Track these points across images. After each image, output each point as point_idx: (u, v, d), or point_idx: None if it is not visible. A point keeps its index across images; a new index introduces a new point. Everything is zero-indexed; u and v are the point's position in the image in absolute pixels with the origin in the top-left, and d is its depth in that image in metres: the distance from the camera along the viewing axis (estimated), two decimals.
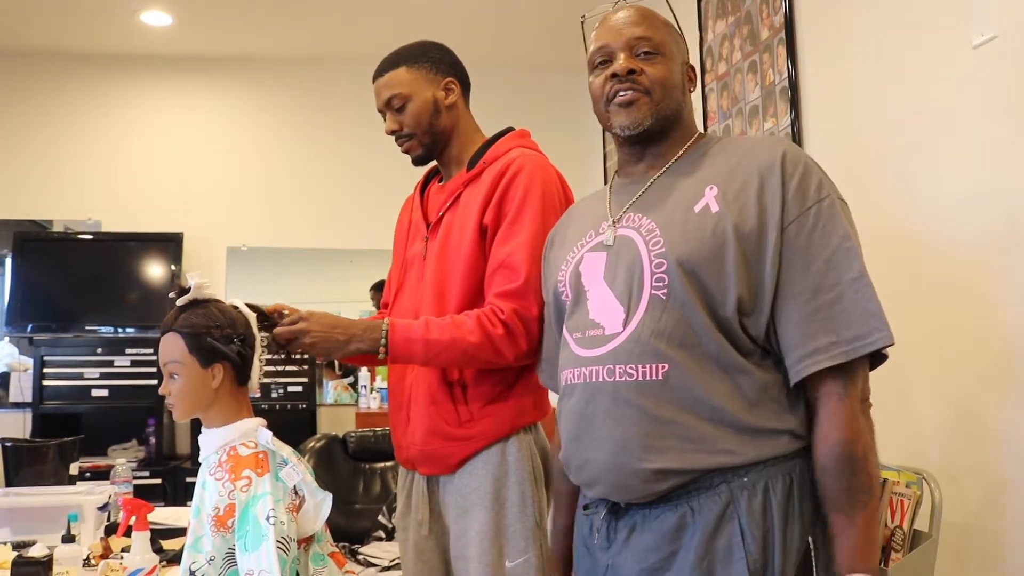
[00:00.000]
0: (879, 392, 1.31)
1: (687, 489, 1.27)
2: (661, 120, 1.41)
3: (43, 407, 4.53)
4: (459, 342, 1.70)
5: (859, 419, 1.24)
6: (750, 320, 1.27)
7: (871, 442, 1.25)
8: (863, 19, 2.54)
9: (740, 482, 1.25)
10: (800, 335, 1.25)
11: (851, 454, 1.22)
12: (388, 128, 1.94)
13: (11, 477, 3.00)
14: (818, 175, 1.31)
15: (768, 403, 1.27)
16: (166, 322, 1.65)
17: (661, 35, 1.43)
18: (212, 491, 1.59)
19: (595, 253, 1.40)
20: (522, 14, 4.63)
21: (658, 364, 1.27)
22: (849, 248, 1.26)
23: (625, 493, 1.31)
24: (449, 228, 1.87)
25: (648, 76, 1.40)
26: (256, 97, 5.31)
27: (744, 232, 1.27)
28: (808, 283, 1.25)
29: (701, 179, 1.35)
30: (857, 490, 1.22)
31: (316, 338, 1.70)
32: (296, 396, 4.77)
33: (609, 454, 1.30)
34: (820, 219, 1.27)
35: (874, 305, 1.24)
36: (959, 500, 2.02)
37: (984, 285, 2.03)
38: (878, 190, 2.42)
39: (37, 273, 4.76)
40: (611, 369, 1.30)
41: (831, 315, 1.24)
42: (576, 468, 1.39)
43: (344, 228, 5.20)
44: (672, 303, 1.27)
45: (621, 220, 1.40)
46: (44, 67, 5.11)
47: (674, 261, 1.28)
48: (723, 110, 3.43)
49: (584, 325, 1.37)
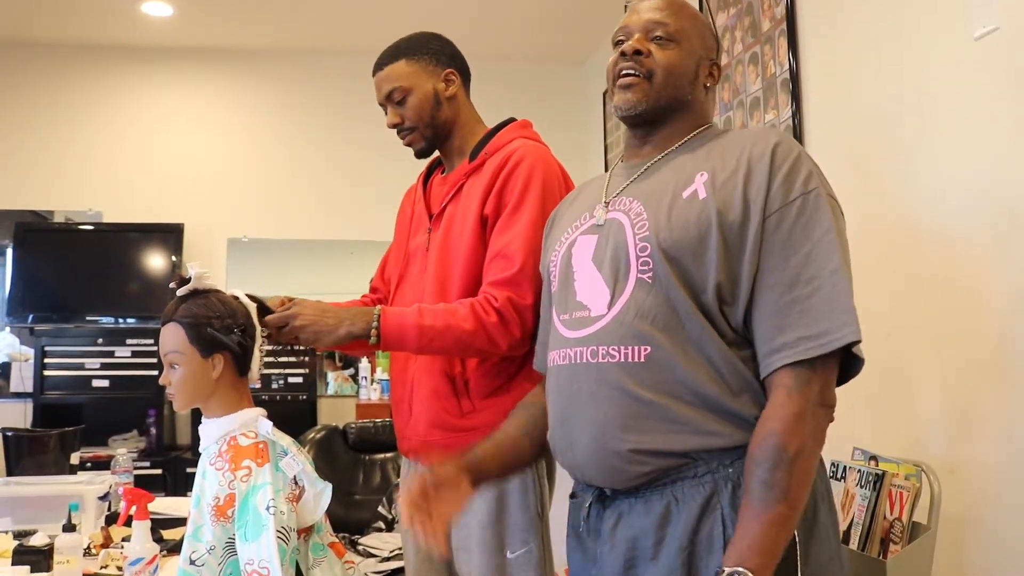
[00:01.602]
0: (878, 384, 1.31)
1: (672, 478, 1.26)
2: (658, 106, 1.41)
3: (44, 397, 4.54)
4: (452, 329, 1.69)
5: (805, 419, 1.19)
6: (730, 309, 1.27)
7: (810, 447, 1.19)
8: (864, 11, 2.53)
9: (725, 472, 1.24)
10: (771, 328, 1.24)
11: (781, 448, 1.17)
12: (390, 122, 1.94)
13: (12, 466, 3.01)
14: (808, 168, 1.29)
15: (750, 393, 1.25)
16: (167, 312, 1.66)
17: (681, 24, 1.43)
18: (212, 481, 1.60)
19: (587, 236, 1.41)
20: (521, 5, 4.62)
21: (641, 346, 1.27)
22: (831, 242, 1.23)
23: (609, 477, 1.31)
24: (451, 219, 1.87)
25: (654, 59, 1.40)
26: (257, 88, 5.31)
27: (728, 220, 1.26)
28: (785, 275, 1.23)
29: (694, 166, 1.35)
30: (773, 486, 1.16)
31: (306, 321, 1.69)
32: (297, 387, 4.78)
33: (591, 436, 1.31)
34: (804, 212, 1.25)
35: (845, 299, 1.21)
36: (958, 492, 2.03)
37: (984, 276, 2.03)
38: (879, 182, 2.42)
39: (38, 263, 4.76)
40: (595, 350, 1.31)
41: (804, 309, 1.21)
42: (561, 451, 1.40)
43: (344, 219, 5.21)
44: (656, 287, 1.27)
45: (613, 202, 1.41)
46: (45, 58, 5.11)
47: (656, 245, 1.28)
48: (724, 102, 3.43)
49: (571, 306, 1.38)
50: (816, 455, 1.22)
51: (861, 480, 2.00)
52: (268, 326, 1.71)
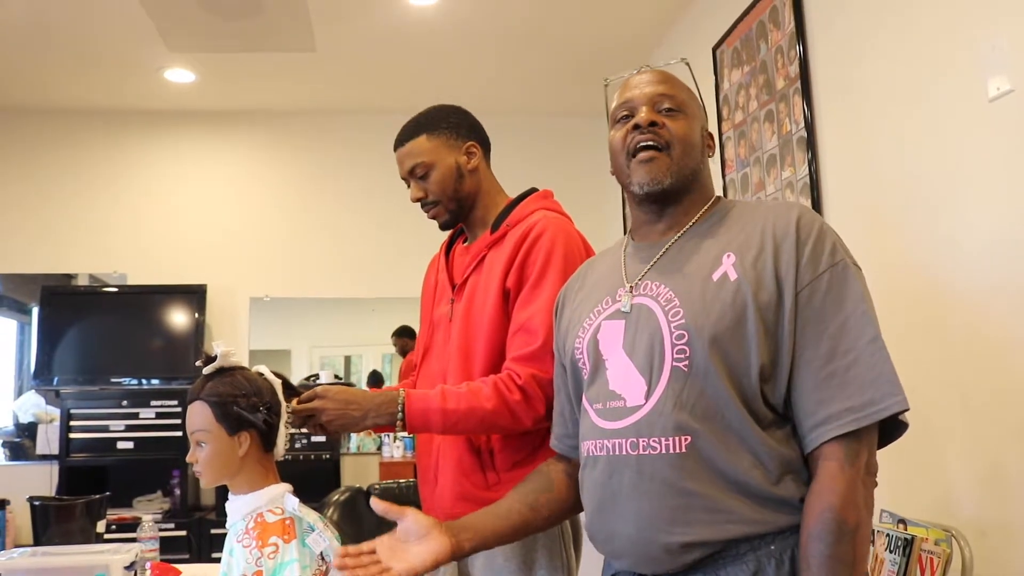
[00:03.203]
0: (905, 445, 1.29)
1: (714, 559, 1.26)
2: (680, 179, 1.41)
3: (70, 460, 4.57)
4: (476, 410, 1.71)
5: (858, 489, 1.21)
6: (769, 387, 1.27)
7: (866, 518, 1.21)
8: (878, 69, 2.55)
9: (767, 550, 1.24)
10: (813, 403, 1.24)
11: (841, 521, 1.18)
12: (413, 196, 1.96)
13: (39, 534, 3.02)
14: (831, 239, 1.30)
15: (790, 476, 1.25)
16: (193, 390, 1.68)
17: (683, 95, 1.46)
18: (240, 558, 1.60)
19: (613, 321, 1.40)
20: (541, 62, 4.69)
21: (682, 436, 1.26)
22: (863, 313, 1.25)
23: (652, 565, 1.31)
24: (474, 290, 1.89)
25: (670, 130, 1.41)
26: (277, 149, 5.39)
27: (763, 300, 1.27)
28: (822, 349, 1.24)
29: (719, 246, 1.35)
30: (839, 560, 1.17)
31: (332, 416, 1.73)
32: (320, 446, 4.79)
33: (635, 528, 1.30)
34: (834, 284, 1.26)
35: (888, 369, 1.22)
36: (990, 556, 2.00)
37: (1010, 333, 2.02)
38: (897, 239, 2.42)
39: (63, 326, 4.82)
40: (634, 442, 1.30)
41: (844, 381, 1.22)
42: (602, 540, 1.39)
43: (365, 277, 5.25)
44: (694, 375, 1.27)
45: (638, 287, 1.40)
46: (69, 123, 5.22)
47: (695, 332, 1.28)
48: (740, 158, 3.45)
49: (605, 396, 1.37)
50: (870, 524, 1.23)
51: (890, 545, 1.97)
52: (294, 418, 1.74)
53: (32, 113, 5.18)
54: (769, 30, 3.21)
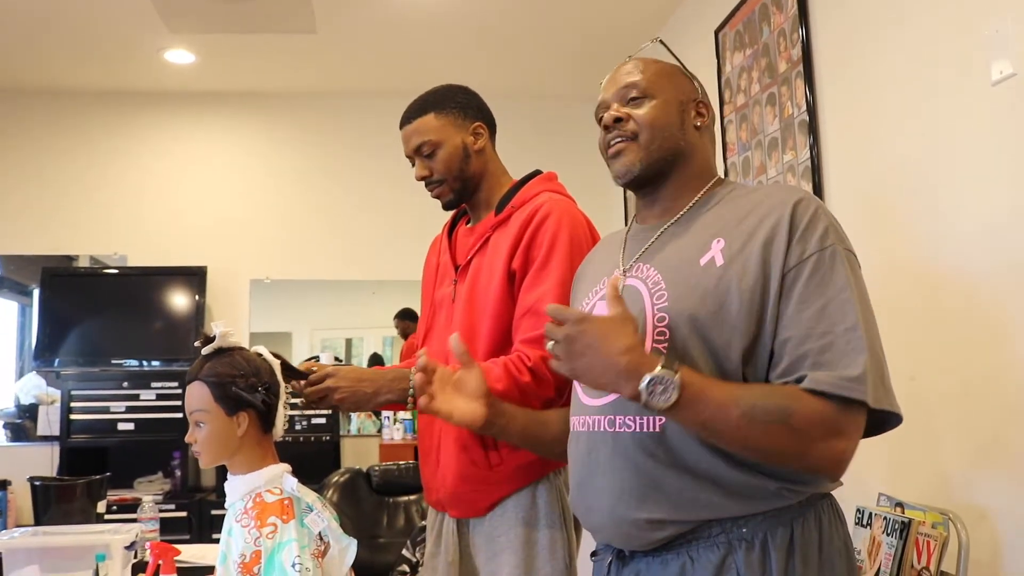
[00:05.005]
0: (902, 428, 1.28)
1: (687, 539, 1.27)
2: (654, 162, 1.42)
3: (70, 441, 4.58)
4: None
5: (816, 418, 1.18)
6: (750, 369, 1.27)
7: (800, 440, 1.18)
8: (880, 53, 2.54)
9: (739, 532, 1.25)
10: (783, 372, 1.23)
11: (787, 410, 1.18)
12: (418, 174, 1.96)
13: (40, 514, 3.03)
14: (824, 224, 1.28)
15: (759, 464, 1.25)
16: (191, 371, 1.68)
17: (649, 77, 1.45)
18: (238, 538, 1.61)
19: (605, 302, 1.41)
20: (543, 46, 4.67)
21: (656, 417, 1.27)
22: (846, 299, 1.23)
23: (626, 541, 1.34)
24: (478, 272, 1.89)
25: (635, 120, 1.42)
26: (278, 131, 5.37)
27: (748, 285, 1.26)
28: (799, 330, 1.23)
29: (710, 231, 1.36)
30: (755, 404, 1.19)
31: (344, 394, 1.76)
32: (320, 428, 4.81)
33: (608, 503, 1.33)
34: (820, 268, 1.25)
35: (860, 361, 1.19)
36: (987, 538, 2.00)
37: (1008, 317, 2.02)
38: (898, 222, 2.42)
39: (64, 307, 4.82)
40: (611, 420, 1.33)
41: (817, 362, 1.20)
42: (582, 514, 1.42)
43: (366, 259, 5.25)
44: (671, 357, 1.26)
45: (631, 270, 1.42)
46: (69, 105, 5.20)
47: (675, 316, 1.29)
48: (742, 142, 3.44)
49: None
50: (792, 456, 1.21)
51: (887, 528, 1.98)
52: (307, 399, 1.77)
53: (32, 95, 5.17)
54: (771, 13, 3.19)
